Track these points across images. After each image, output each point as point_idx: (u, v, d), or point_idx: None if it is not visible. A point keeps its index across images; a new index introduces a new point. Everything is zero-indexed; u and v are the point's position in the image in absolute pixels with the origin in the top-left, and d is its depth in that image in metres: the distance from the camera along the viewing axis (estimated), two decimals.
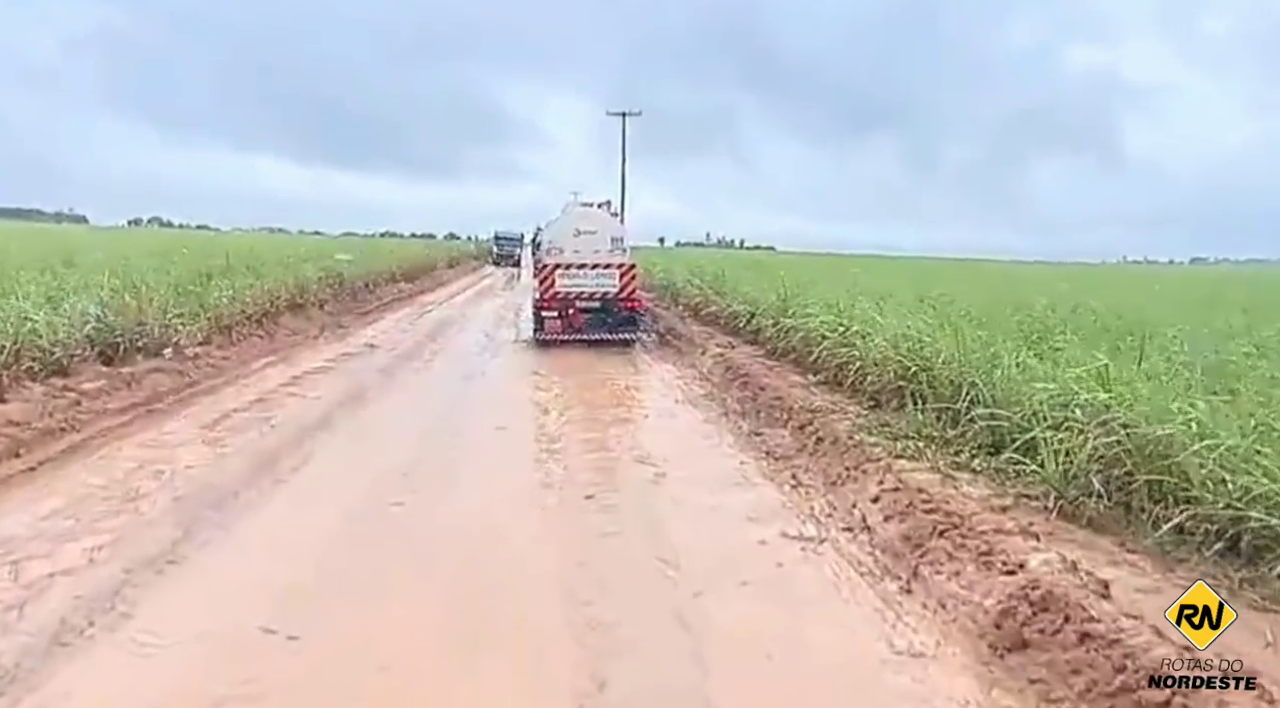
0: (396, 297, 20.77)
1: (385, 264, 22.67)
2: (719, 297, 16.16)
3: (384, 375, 10.48)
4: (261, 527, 5.00)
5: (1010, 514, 4.58)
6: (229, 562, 4.46)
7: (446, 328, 16.21)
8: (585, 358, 12.62)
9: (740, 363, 10.60)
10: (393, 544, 4.79)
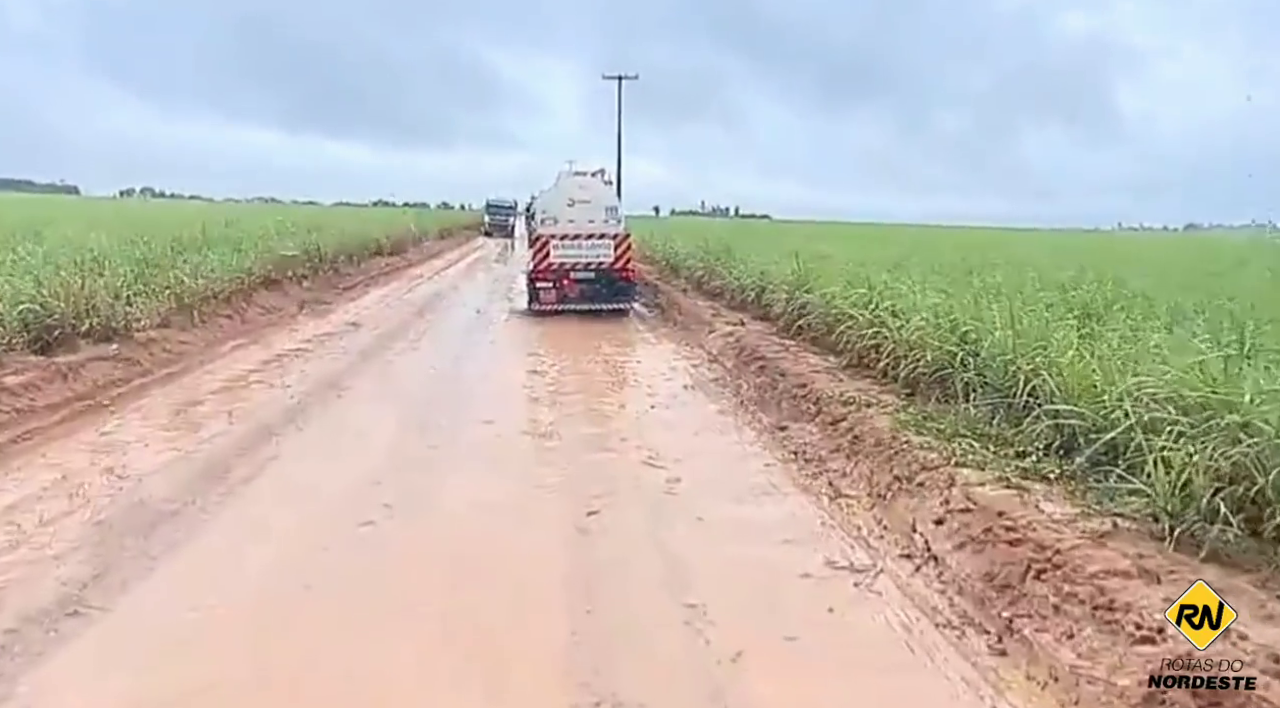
0: (384, 270, 19.77)
1: (372, 235, 21.58)
2: (724, 269, 15.20)
3: (364, 359, 9.56)
4: (194, 562, 4.11)
5: (1114, 545, 3.70)
6: (145, 613, 3.58)
7: (436, 303, 15.26)
8: (584, 337, 11.71)
9: (753, 343, 9.69)
10: (354, 586, 3.91)
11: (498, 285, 19.40)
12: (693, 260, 17.94)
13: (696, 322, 12.17)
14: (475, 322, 13.13)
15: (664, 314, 13.76)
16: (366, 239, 21.00)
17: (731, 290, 13.91)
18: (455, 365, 9.54)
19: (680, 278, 18.20)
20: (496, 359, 10.06)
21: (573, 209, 14.85)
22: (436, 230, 36.78)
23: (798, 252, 12.27)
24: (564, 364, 9.58)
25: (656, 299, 15.78)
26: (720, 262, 15.91)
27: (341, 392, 7.94)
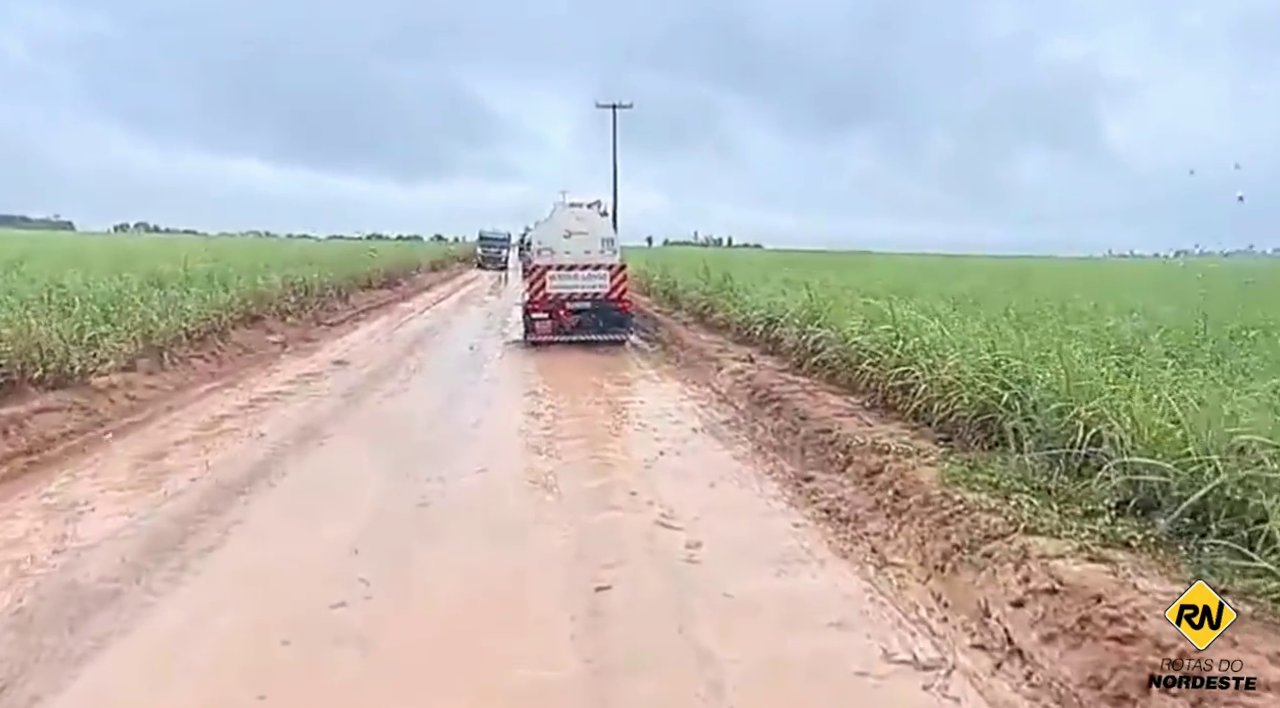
0: (374, 304, 19.13)
1: (362, 269, 20.96)
2: (728, 301, 14.62)
3: (349, 402, 8.89)
4: (124, 666, 3.41)
5: (1250, 641, 3.04)
6: None
7: (427, 339, 14.61)
8: (582, 373, 11.07)
9: (765, 381, 9.06)
10: (316, 696, 3.22)
11: (491, 319, 18.78)
12: (693, 292, 17.38)
13: (702, 357, 11.54)
14: (468, 359, 12.47)
15: (666, 349, 13.13)
16: (356, 273, 20.39)
17: (737, 324, 13.32)
18: (447, 408, 8.87)
19: (681, 310, 17.62)
20: (491, 400, 9.40)
21: (568, 240, 14.87)
22: (429, 263, 36.27)
23: (807, 283, 11.66)
24: (563, 405, 8.92)
25: (657, 333, 15.17)
26: (722, 294, 15.34)
27: (323, 440, 7.26)
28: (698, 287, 17.45)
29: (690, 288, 18.21)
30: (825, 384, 8.83)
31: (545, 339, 13.83)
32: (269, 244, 46.17)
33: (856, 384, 8.33)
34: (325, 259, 22.30)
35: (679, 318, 16.45)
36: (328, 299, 16.36)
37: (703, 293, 16.28)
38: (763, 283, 16.28)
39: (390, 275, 23.92)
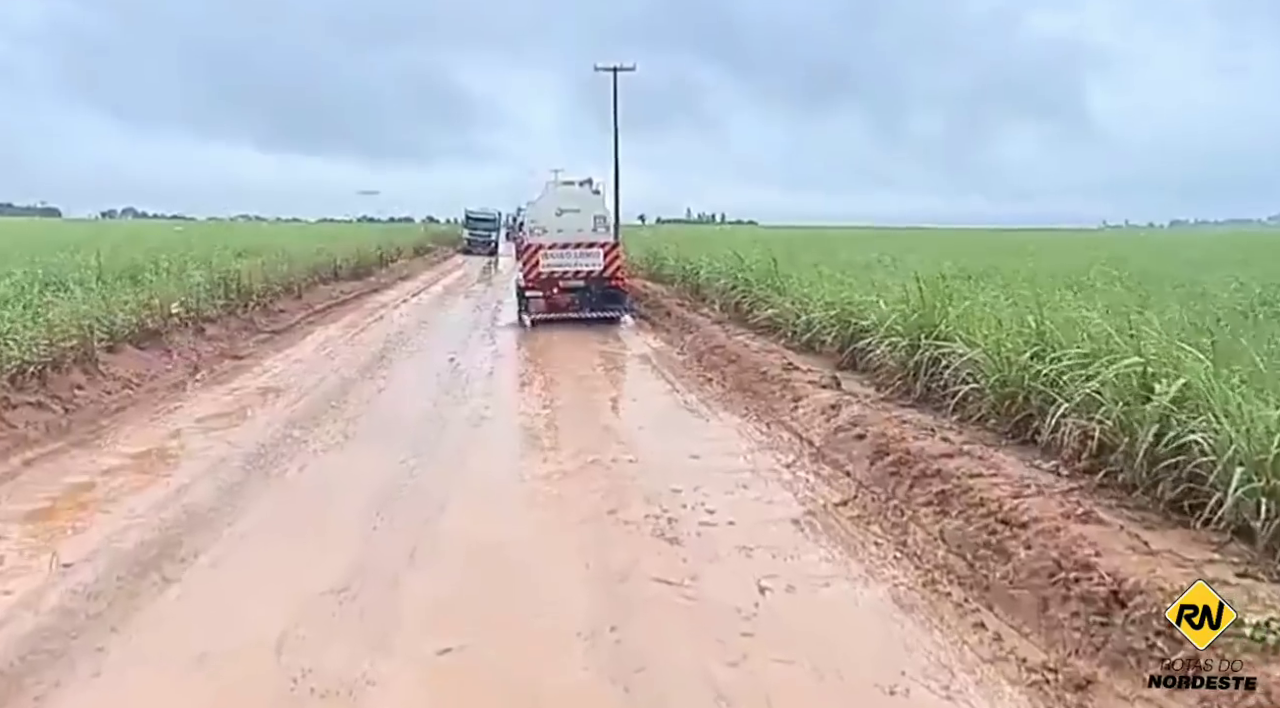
0: (336, 301, 15.98)
1: (323, 259, 17.78)
2: (776, 295, 11.56)
3: (253, 473, 5.85)
4: None
5: None
6: None
7: (395, 350, 11.51)
8: (607, 407, 8.09)
9: (879, 426, 6.03)
10: None
11: (479, 316, 15.68)
12: (720, 281, 14.29)
13: (761, 377, 8.48)
14: (445, 381, 9.41)
15: (706, 363, 10.08)
16: (318, 263, 17.23)
17: (795, 327, 10.29)
18: (407, 482, 5.82)
19: (706, 304, 14.54)
20: (473, 464, 6.36)
21: (561, 218, 14.62)
22: (412, 247, 33.06)
23: (917, 275, 8.59)
24: (586, 476, 5.89)
25: (687, 335, 12.09)
26: (766, 285, 12.27)
27: (182, 565, 4.24)
28: (726, 274, 14.37)
29: (716, 275, 15.14)
30: (983, 433, 5.85)
31: (540, 317, 13.64)
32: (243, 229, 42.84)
33: (1029, 430, 5.43)
34: (290, 246, 19.17)
35: (709, 315, 13.37)
36: (274, 298, 13.21)
37: (738, 283, 13.18)
38: (787, 265, 13.21)
39: (362, 264, 20.73)
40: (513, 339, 13.13)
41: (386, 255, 25.11)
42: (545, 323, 13.98)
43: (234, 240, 22.85)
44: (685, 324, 12.83)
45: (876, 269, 13.45)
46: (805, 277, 12.24)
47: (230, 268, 12.11)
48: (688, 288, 16.84)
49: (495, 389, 9.10)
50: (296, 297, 14.19)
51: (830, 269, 13.37)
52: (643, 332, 13.43)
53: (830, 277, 11.80)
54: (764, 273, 12.88)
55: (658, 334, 12.95)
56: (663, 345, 11.91)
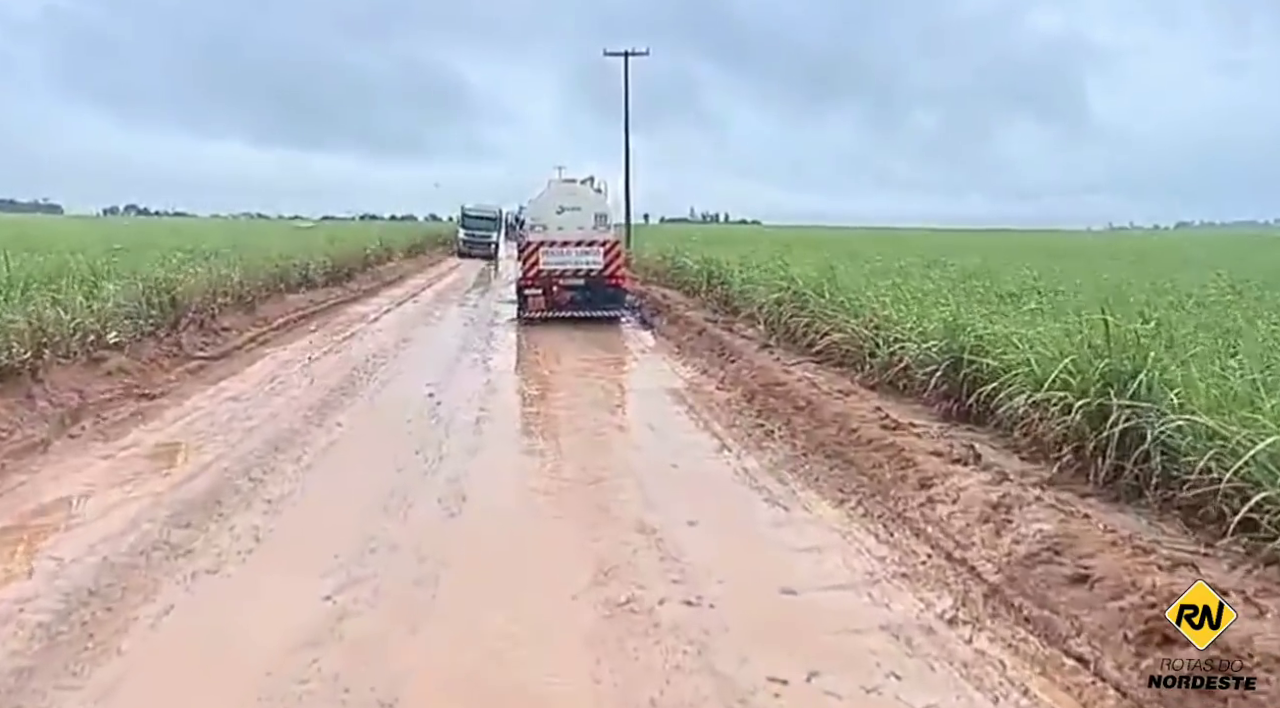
0: (303, 314, 13.56)
1: (290, 264, 15.35)
2: (843, 314, 9.17)
3: (95, 624, 3.50)
4: None
5: None
6: None
7: (362, 382, 9.15)
8: (642, 484, 5.67)
9: (1105, 555, 3.67)
10: None
11: (471, 333, 13.30)
12: (760, 293, 11.91)
13: (852, 438, 6.06)
14: (420, 433, 7.05)
15: (761, 406, 7.69)
16: (284, 268, 14.85)
17: (870, 358, 7.95)
18: (326, 644, 3.46)
19: (744, 319, 12.17)
20: (442, 606, 3.99)
21: (561, 216, 14.56)
22: (404, 247, 30.70)
23: (1104, 310, 6.22)
24: (622, 649, 3.52)
25: (727, 363, 9.68)
26: (829, 301, 9.88)
27: None
28: (766, 284, 12.01)
29: (751, 285, 12.79)
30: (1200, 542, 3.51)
31: (538, 315, 13.70)
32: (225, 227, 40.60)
33: None
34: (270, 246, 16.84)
35: (750, 336, 10.98)
36: (219, 312, 10.82)
37: (786, 297, 10.78)
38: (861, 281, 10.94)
39: (341, 268, 18.33)
40: (511, 363, 10.78)
41: (374, 257, 22.70)
42: (551, 342, 11.76)
43: (211, 239, 20.67)
44: (722, 347, 10.44)
45: (931, 283, 11.16)
46: (869, 289, 9.91)
47: (160, 277, 9.69)
48: (715, 298, 14.47)
49: (484, 447, 6.73)
50: (248, 310, 11.78)
51: (888, 279, 11.09)
52: (669, 355, 11.05)
53: (904, 291, 9.49)
54: (818, 285, 10.50)
55: (688, 360, 10.57)
56: (697, 376, 9.53)
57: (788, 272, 11.57)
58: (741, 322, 12.17)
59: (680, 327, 12.55)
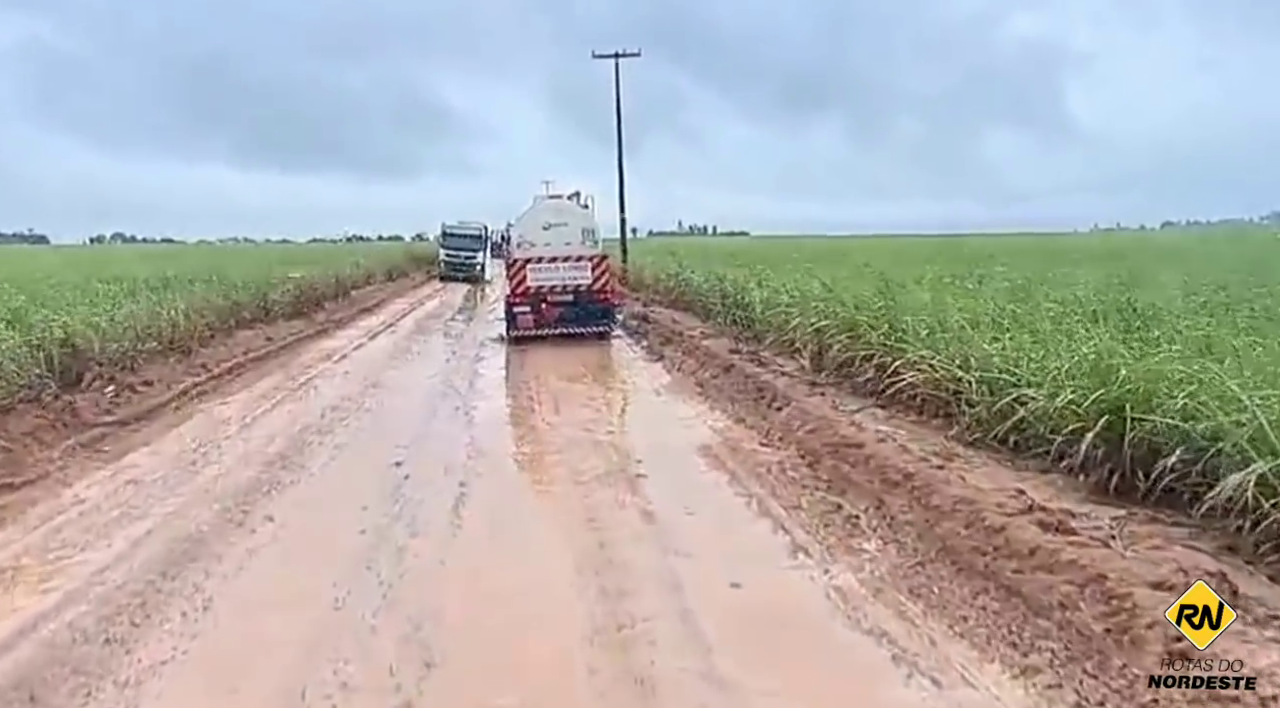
0: (255, 355, 11.55)
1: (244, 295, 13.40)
2: (914, 347, 7.31)
3: None
4: None
5: None
6: None
7: (309, 451, 7.23)
8: (686, 616, 3.77)
9: None
10: None
11: (453, 371, 11.38)
12: (793, 317, 10.06)
13: (997, 545, 4.19)
14: (378, 532, 5.15)
15: (829, 474, 5.81)
16: (239, 301, 12.92)
17: (961, 405, 6.10)
18: None
19: (765, 346, 10.32)
20: None
21: (548, 232, 14.47)
22: (385, 270, 28.81)
23: None
24: None
25: (770, 409, 7.79)
26: (890, 329, 8.03)
27: None
28: (801, 304, 10.17)
29: (777, 307, 10.95)
30: None
31: (529, 333, 13.57)
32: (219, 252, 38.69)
33: None
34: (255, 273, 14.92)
35: (789, 371, 9.08)
36: (143, 361, 8.89)
37: (832, 323, 8.91)
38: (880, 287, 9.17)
39: (310, 297, 16.38)
40: (500, 412, 8.91)
41: (348, 283, 20.75)
42: (549, 381, 9.98)
43: (188, 266, 18.76)
44: (758, 387, 8.56)
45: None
46: (933, 310, 8.10)
47: (57, 323, 7.75)
48: (732, 322, 12.60)
49: (462, 554, 4.83)
50: (184, 354, 9.83)
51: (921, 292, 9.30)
52: (691, 397, 9.18)
53: (973, 312, 7.71)
54: (871, 308, 8.65)
55: (716, 403, 8.69)
56: (732, 427, 7.66)
57: (832, 292, 9.72)
58: (770, 350, 10.32)
59: (699, 359, 10.67)
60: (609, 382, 10.50)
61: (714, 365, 9.99)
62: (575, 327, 13.66)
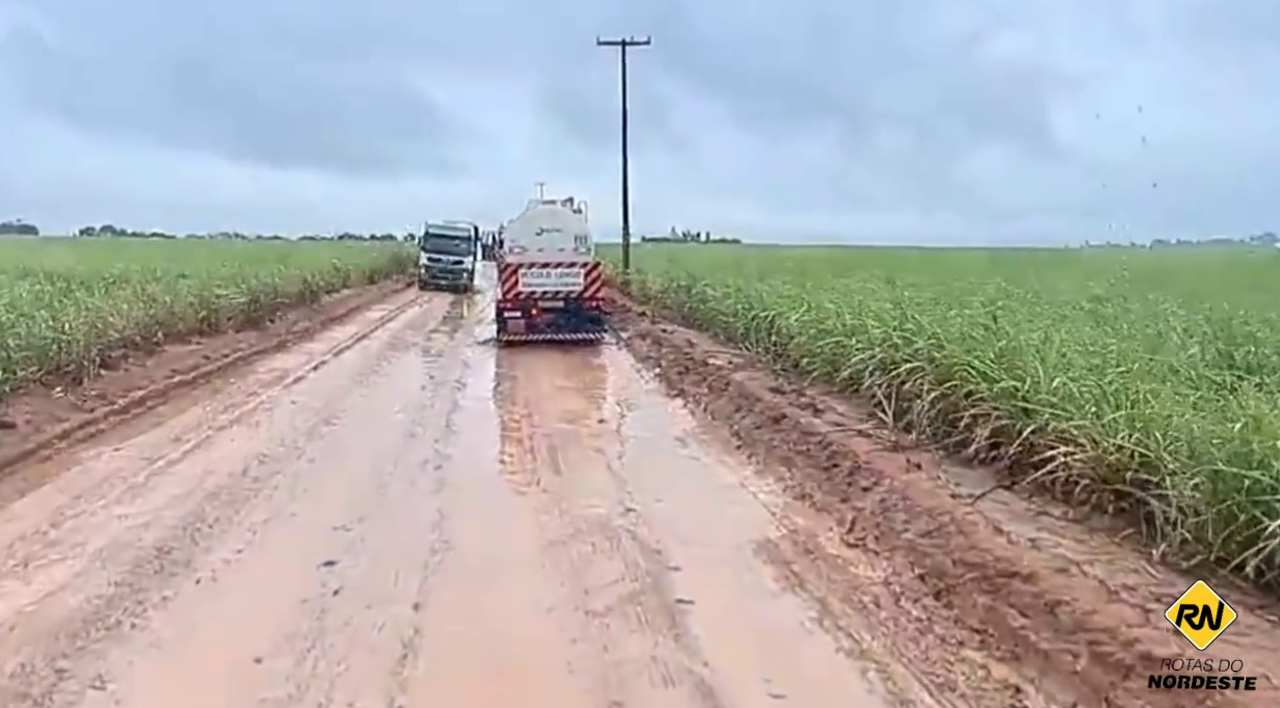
0: (183, 379, 9.36)
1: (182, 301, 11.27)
2: (1049, 408, 5.25)
3: None
4: None
5: None
6: None
7: (216, 536, 5.14)
8: None
9: None
10: None
11: (431, 404, 9.25)
12: (852, 350, 8.01)
13: None
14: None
15: (1013, 637, 3.75)
16: (179, 310, 10.78)
17: (1218, 524, 4.03)
18: None
19: (823, 385, 8.28)
20: None
21: (541, 237, 14.49)
22: (365, 272, 26.65)
23: None
24: None
25: (858, 489, 5.69)
26: (1011, 381, 5.95)
27: None
28: (858, 332, 8.13)
29: (822, 337, 8.90)
30: None
31: (519, 338, 13.55)
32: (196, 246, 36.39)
33: None
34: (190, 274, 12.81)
35: (847, 419, 7.00)
36: (10, 391, 6.76)
37: (924, 367, 6.82)
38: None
39: (265, 305, 14.19)
40: (484, 479, 6.79)
41: (317, 286, 18.58)
42: (551, 425, 7.93)
43: (151, 262, 16.68)
44: (821, 448, 6.45)
45: None
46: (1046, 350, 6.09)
47: None
48: (765, 347, 10.51)
49: None
50: (74, 384, 7.66)
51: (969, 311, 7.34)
52: (728, 453, 7.12)
53: None
54: (968, 341, 6.59)
55: (763, 466, 6.62)
56: (796, 508, 5.59)
57: (901, 323, 7.66)
58: (815, 388, 8.28)
59: (731, 399, 8.60)
60: (619, 424, 8.44)
61: (753, 410, 7.91)
62: (566, 333, 13.60)
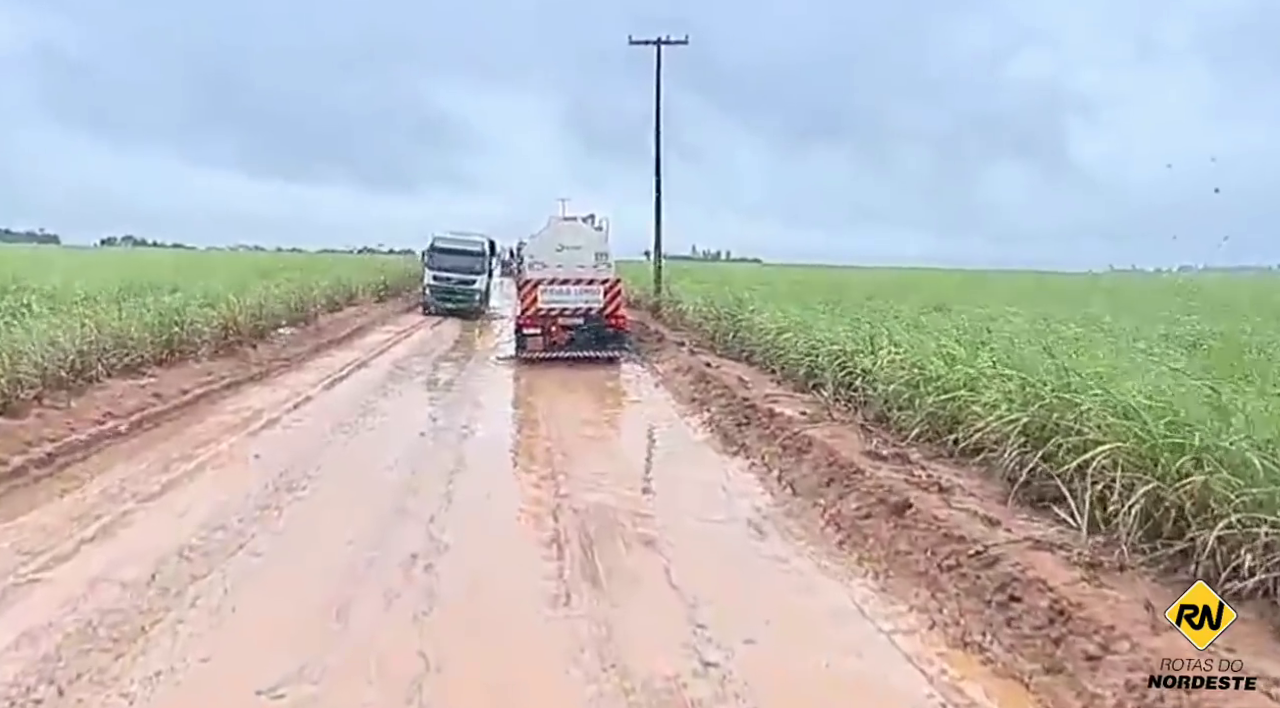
0: (130, 419, 7.60)
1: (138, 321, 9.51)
2: None
3: None
4: None
5: None
6: None
7: (96, 690, 3.24)
8: None
9: None
10: None
11: (431, 459, 7.37)
12: (999, 415, 6.10)
13: None
14: None
15: None
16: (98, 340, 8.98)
17: None
18: None
19: (934, 453, 6.34)
20: None
21: (561, 254, 14.35)
22: (373, 290, 24.92)
23: None
24: None
25: (1056, 650, 3.74)
26: None
27: None
28: (1028, 393, 6.21)
29: (923, 386, 6.99)
30: None
31: (537, 355, 13.33)
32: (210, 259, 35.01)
33: None
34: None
35: (992, 512, 5.05)
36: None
37: (1130, 452, 4.87)
38: None
39: (243, 329, 12.37)
40: (496, 599, 4.87)
41: (316, 307, 16.80)
42: (583, 483, 6.03)
43: (160, 276, 15.12)
44: (976, 562, 4.50)
45: None
46: None
47: None
48: (839, 393, 8.59)
49: None
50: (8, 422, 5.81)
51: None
52: (825, 552, 5.20)
53: None
54: (1161, 409, 4.65)
55: (885, 582, 4.68)
56: (963, 669, 3.67)
57: (1044, 376, 5.72)
58: (918, 450, 6.36)
59: (814, 466, 6.63)
60: (671, 497, 6.53)
61: (851, 485, 5.96)
62: (585, 350, 13.42)
